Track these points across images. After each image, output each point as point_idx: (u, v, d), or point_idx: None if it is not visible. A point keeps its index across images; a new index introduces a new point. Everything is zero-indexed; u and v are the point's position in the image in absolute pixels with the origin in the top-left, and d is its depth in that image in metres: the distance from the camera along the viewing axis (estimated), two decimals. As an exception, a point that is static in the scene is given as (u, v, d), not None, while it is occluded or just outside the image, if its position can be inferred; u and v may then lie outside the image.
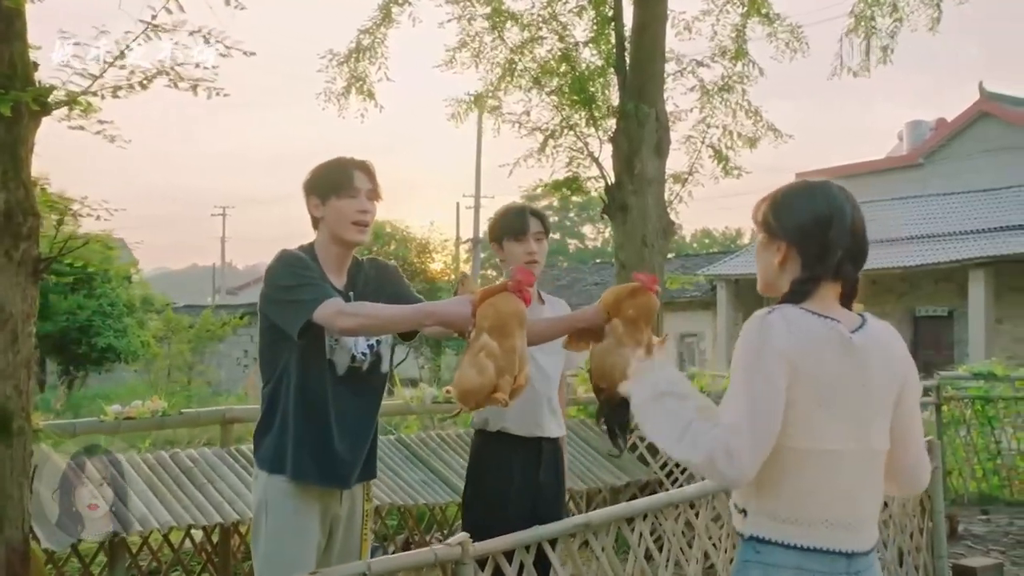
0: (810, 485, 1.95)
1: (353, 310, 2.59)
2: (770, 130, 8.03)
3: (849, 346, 1.95)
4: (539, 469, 3.38)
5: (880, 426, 2.01)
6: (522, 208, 3.47)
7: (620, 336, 2.88)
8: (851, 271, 2.03)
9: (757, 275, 2.14)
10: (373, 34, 7.62)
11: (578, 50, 7.23)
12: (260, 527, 2.71)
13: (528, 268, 2.63)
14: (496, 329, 2.48)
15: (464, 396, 2.54)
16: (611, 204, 6.65)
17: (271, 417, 2.74)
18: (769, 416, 1.89)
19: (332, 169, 2.81)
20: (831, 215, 2.01)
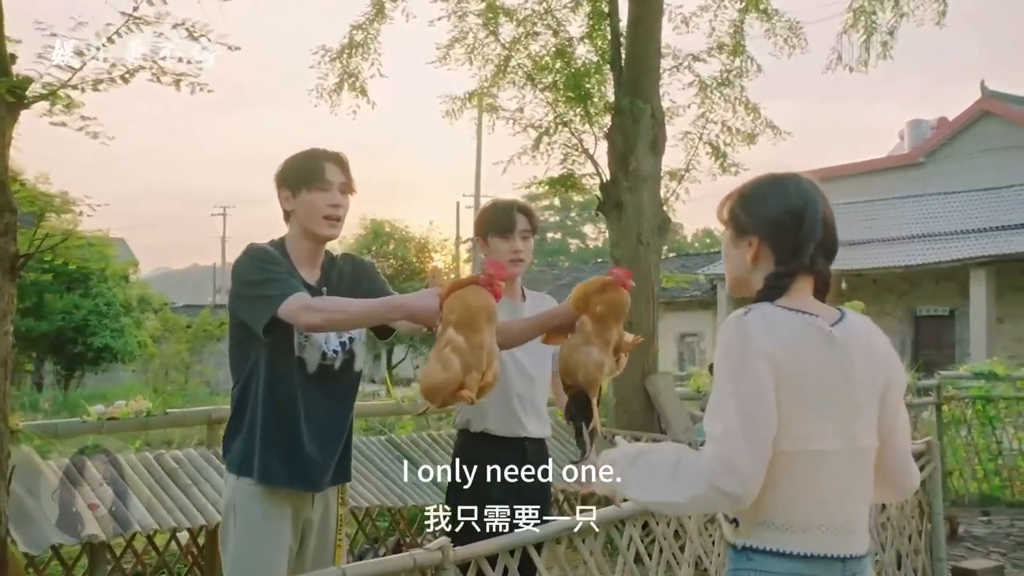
0: (801, 489, 1.87)
1: (319, 305, 2.50)
2: (769, 127, 7.94)
3: (830, 341, 1.88)
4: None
5: (866, 423, 1.93)
6: (509, 204, 3.36)
7: (588, 334, 2.79)
8: (824, 264, 1.97)
9: (726, 275, 2.07)
10: (366, 30, 7.52)
11: (573, 46, 7.14)
12: (228, 531, 2.62)
13: (501, 262, 2.53)
14: (463, 323, 2.38)
15: (429, 392, 2.43)
16: (606, 201, 6.56)
17: (240, 418, 2.65)
18: (763, 419, 1.81)
19: (303, 161, 2.71)
20: (804, 207, 1.95)
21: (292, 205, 2.69)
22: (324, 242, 2.75)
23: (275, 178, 2.72)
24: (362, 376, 2.86)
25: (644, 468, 1.96)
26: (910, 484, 2.08)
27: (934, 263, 20.67)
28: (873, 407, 1.94)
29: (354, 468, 5.26)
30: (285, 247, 2.71)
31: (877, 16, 7.90)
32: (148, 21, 4.41)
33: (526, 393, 3.26)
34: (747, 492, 1.79)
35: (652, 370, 6.47)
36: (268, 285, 2.51)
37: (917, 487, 2.15)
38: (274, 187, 2.73)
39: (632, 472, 1.98)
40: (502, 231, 3.27)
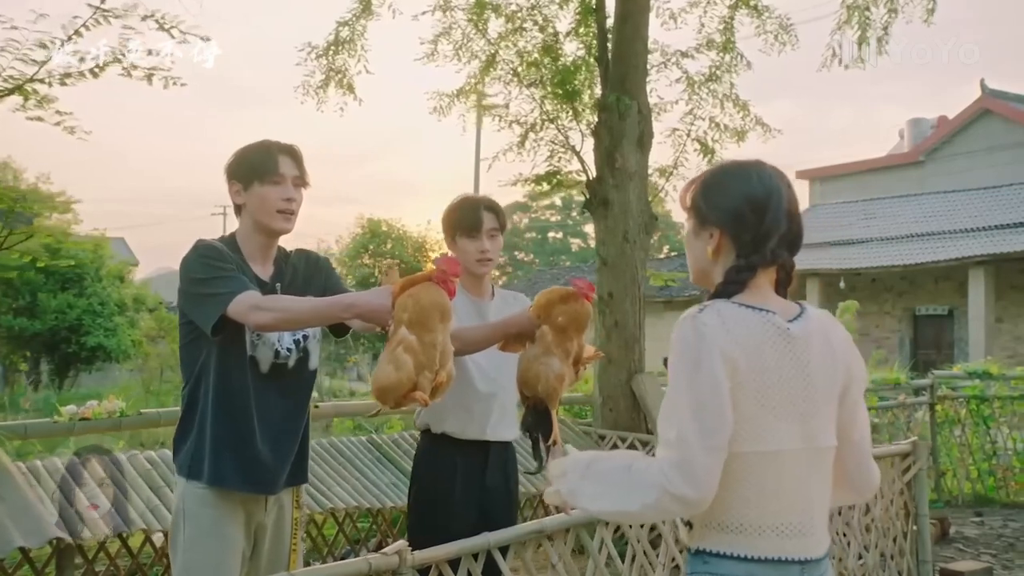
0: (757, 491, 1.80)
1: (268, 304, 2.43)
2: (758, 124, 7.87)
3: (788, 338, 1.82)
4: (485, 473, 3.21)
5: (824, 422, 1.86)
6: (476, 202, 3.28)
7: (548, 344, 2.76)
8: (787, 257, 1.89)
9: (689, 266, 1.99)
10: (352, 26, 7.44)
11: (559, 42, 7.06)
12: (178, 536, 2.55)
13: (455, 258, 2.46)
14: (416, 322, 2.33)
15: (381, 394, 2.38)
16: (592, 199, 6.48)
17: (189, 419, 2.58)
18: (719, 421, 1.74)
19: (256, 153, 2.63)
20: (767, 197, 1.86)
21: (243, 199, 2.61)
22: (277, 236, 2.68)
23: (225, 171, 2.64)
24: (318, 373, 2.79)
25: (595, 477, 1.88)
26: (869, 484, 2.00)
27: (933, 262, 20.59)
28: (832, 405, 1.87)
29: (333, 469, 5.25)
30: (236, 242, 2.63)
31: (871, 12, 7.82)
32: (117, 14, 4.36)
33: (488, 395, 3.17)
34: (702, 497, 1.73)
35: (639, 370, 6.39)
36: (216, 283, 2.44)
37: (877, 487, 2.04)
38: (224, 180, 2.65)
39: (583, 482, 1.90)
40: (468, 230, 3.20)
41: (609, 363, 6.37)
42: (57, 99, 4.48)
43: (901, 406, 8.54)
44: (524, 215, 52.97)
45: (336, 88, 7.52)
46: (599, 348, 6.55)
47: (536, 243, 52.68)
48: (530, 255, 52.48)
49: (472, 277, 3.27)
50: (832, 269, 21.93)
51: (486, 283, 3.32)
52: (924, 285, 22.11)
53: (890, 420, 8.51)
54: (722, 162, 2.02)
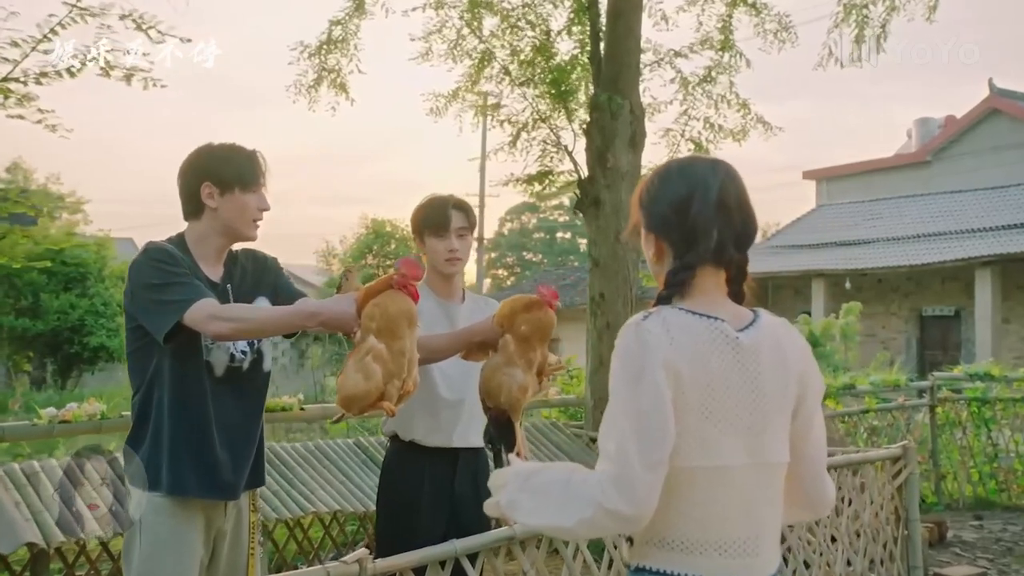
0: (699, 507, 1.72)
1: (227, 314, 2.39)
2: (760, 123, 7.79)
3: (736, 347, 1.73)
4: (454, 480, 3.15)
5: (775, 436, 1.77)
6: (444, 201, 3.22)
7: (511, 354, 2.72)
8: (733, 253, 1.79)
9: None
10: (345, 25, 7.38)
11: (552, 40, 7.00)
12: (132, 547, 2.48)
13: (414, 260, 2.41)
14: (384, 331, 2.32)
15: (347, 402, 2.37)
16: (584, 199, 6.41)
17: (142, 428, 2.52)
18: (659, 435, 1.65)
19: (240, 160, 2.59)
20: (690, 194, 1.78)
21: (217, 203, 2.55)
22: (240, 241, 2.64)
23: (196, 170, 2.56)
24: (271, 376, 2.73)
25: (534, 489, 1.80)
26: (823, 501, 1.90)
27: (939, 263, 20.46)
28: (784, 418, 1.78)
29: (319, 472, 5.20)
30: (186, 243, 2.58)
31: (869, 10, 7.74)
32: (93, 12, 4.32)
33: (455, 402, 3.11)
34: (641, 514, 1.65)
35: (630, 372, 6.31)
36: (170, 290, 2.39)
37: (832, 504, 1.94)
38: (187, 178, 2.57)
39: (521, 494, 1.82)
40: (436, 229, 3.15)
41: (601, 365, 6.30)
42: (38, 97, 4.44)
43: (901, 408, 8.46)
44: (532, 215, 52.88)
45: (329, 88, 7.46)
46: (591, 349, 6.53)
47: (544, 243, 52.58)
48: (539, 255, 52.38)
49: (441, 278, 3.22)
50: (838, 269, 21.82)
51: (455, 285, 3.26)
52: (931, 286, 21.98)
53: (889, 423, 8.43)
54: (662, 163, 1.94)
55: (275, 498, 4.82)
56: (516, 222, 53.80)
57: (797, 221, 26.81)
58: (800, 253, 23.80)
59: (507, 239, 53.87)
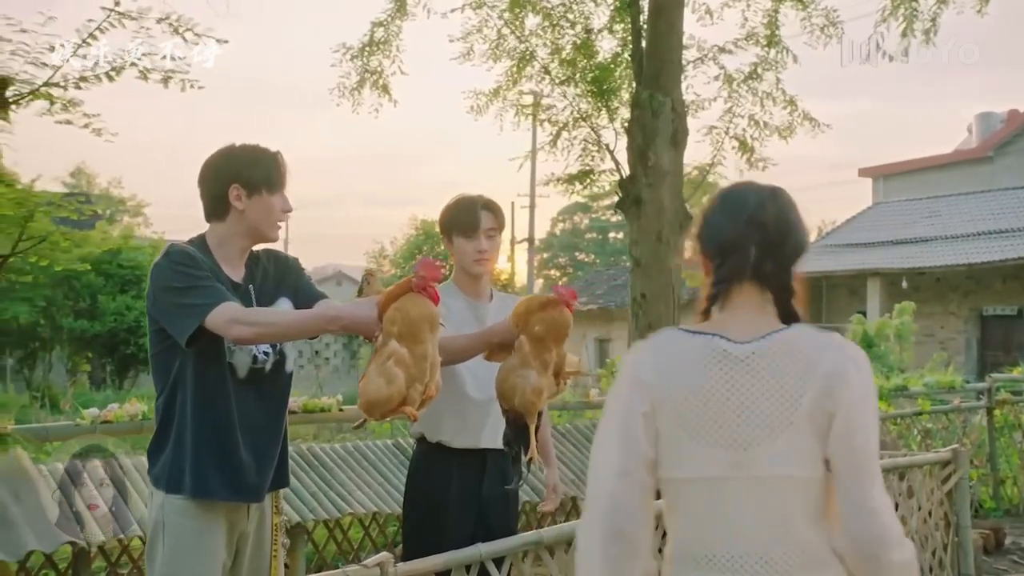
0: (684, 519, 1.74)
1: (249, 318, 2.39)
2: (806, 120, 7.66)
3: (725, 361, 1.73)
4: (482, 482, 3.11)
5: (774, 448, 1.70)
6: (473, 201, 3.19)
7: (525, 355, 2.68)
8: (773, 269, 1.78)
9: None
10: (387, 27, 7.41)
11: (593, 39, 6.94)
12: (156, 550, 2.48)
13: (432, 261, 2.38)
14: (406, 335, 2.31)
15: (370, 407, 2.36)
16: (625, 198, 6.35)
17: (166, 431, 2.51)
18: (628, 444, 1.73)
19: (266, 163, 2.59)
20: (725, 212, 1.84)
21: (244, 204, 2.55)
22: (263, 242, 2.64)
23: (222, 171, 2.57)
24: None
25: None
26: (863, 538, 1.69)
27: (1001, 261, 19.93)
28: (795, 432, 1.69)
29: (356, 474, 5.20)
30: (207, 245, 2.58)
31: (918, 3, 7.56)
32: (132, 16, 4.38)
33: (483, 402, 3.07)
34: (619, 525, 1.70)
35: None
36: (193, 293, 2.39)
37: (883, 546, 1.69)
38: (213, 180, 2.56)
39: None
40: (466, 230, 3.12)
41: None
42: (83, 102, 4.51)
43: (956, 410, 8.23)
44: (585, 215, 52.69)
45: (372, 89, 7.49)
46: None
47: (596, 244, 52.37)
48: (591, 255, 52.19)
49: (469, 278, 3.19)
50: (894, 268, 21.38)
51: (484, 284, 3.23)
52: (991, 285, 21.41)
53: (944, 425, 8.22)
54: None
55: (313, 499, 4.83)
56: (568, 222, 53.69)
57: (852, 219, 26.34)
58: (855, 252, 23.36)
59: (559, 239, 53.77)
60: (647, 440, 1.72)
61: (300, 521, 4.70)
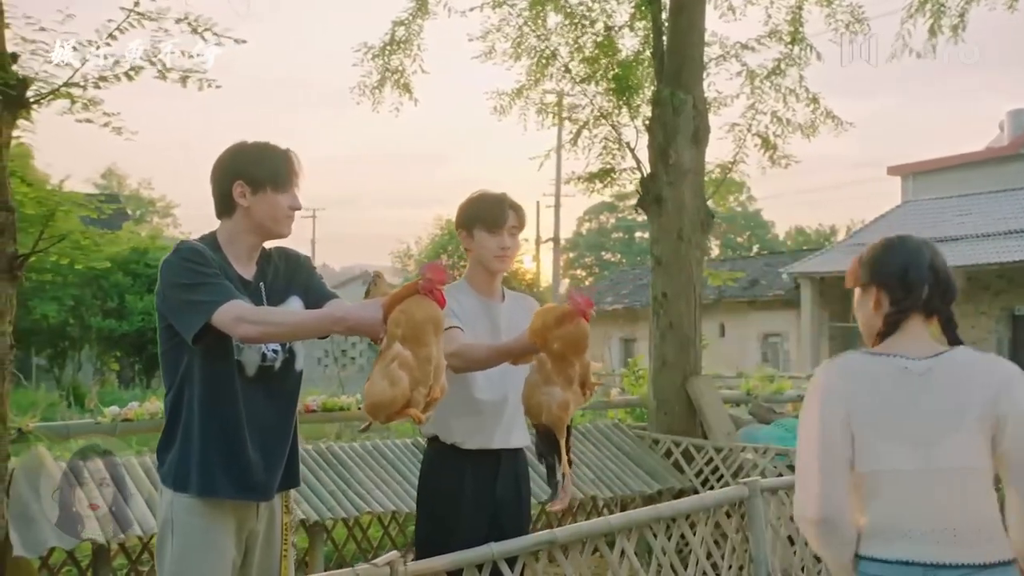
0: (882, 503, 2.17)
1: (255, 317, 2.38)
2: (829, 117, 7.57)
3: (905, 376, 2.17)
4: (496, 482, 3.09)
5: (951, 445, 2.14)
6: (500, 198, 3.17)
7: (548, 373, 2.69)
8: (940, 305, 2.27)
9: (861, 331, 2.37)
10: (408, 26, 7.40)
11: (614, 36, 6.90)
12: (165, 547, 2.48)
13: (439, 264, 2.37)
14: (410, 338, 2.31)
15: (374, 409, 2.36)
16: (645, 196, 6.31)
17: (174, 428, 2.51)
18: (831, 447, 2.16)
19: (273, 159, 2.58)
20: (909, 258, 2.28)
21: (249, 201, 2.55)
22: (273, 239, 2.63)
23: (227, 167, 2.56)
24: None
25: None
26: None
27: (1033, 259, 19.63)
28: (968, 431, 2.14)
29: (376, 473, 5.20)
30: (218, 242, 2.57)
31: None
32: (151, 17, 4.38)
33: (496, 402, 3.05)
34: (827, 514, 2.14)
35: (694, 373, 6.19)
36: (200, 290, 2.39)
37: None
38: (220, 175, 2.56)
39: None
40: (490, 226, 3.10)
41: (664, 365, 6.19)
42: (103, 101, 4.53)
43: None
44: (611, 215, 52.53)
45: (393, 88, 7.49)
46: (654, 350, 6.40)
47: (623, 243, 52.22)
48: (617, 255, 52.04)
49: (486, 275, 3.16)
50: (924, 267, 21.12)
51: (498, 283, 3.21)
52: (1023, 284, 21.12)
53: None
54: (873, 242, 2.41)
55: (331, 498, 4.84)
56: (594, 222, 53.55)
57: (880, 218, 26.03)
58: (884, 251, 23.10)
59: (585, 239, 53.64)
60: (844, 442, 2.16)
61: (318, 519, 4.71)
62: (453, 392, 2.99)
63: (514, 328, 3.14)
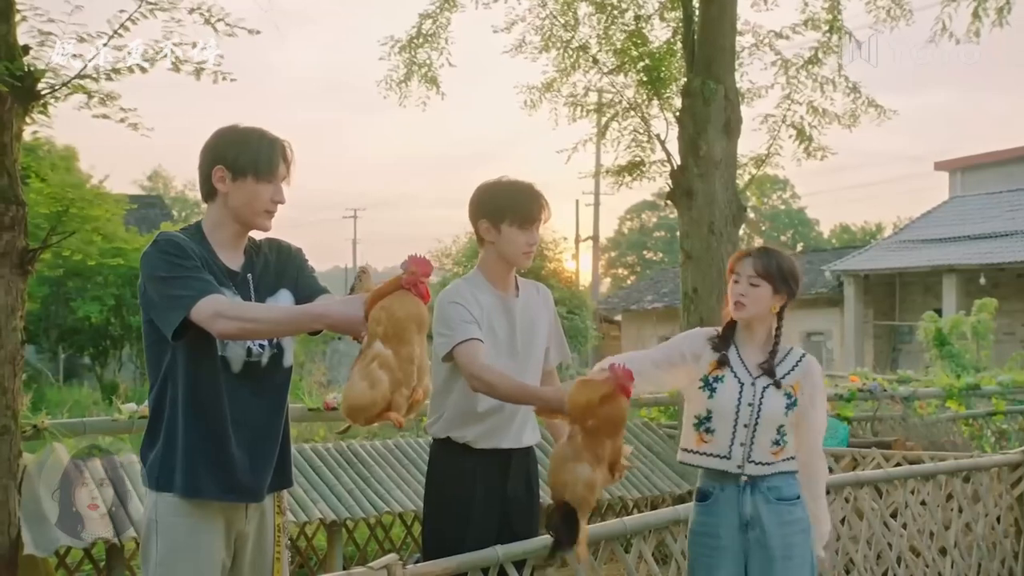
0: None
1: (233, 312, 2.28)
2: (871, 106, 7.33)
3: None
4: (507, 482, 2.95)
5: None
6: (532, 191, 2.96)
7: (578, 448, 2.55)
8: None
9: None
10: (435, 19, 7.29)
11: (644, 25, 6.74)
12: (149, 550, 2.38)
13: (424, 258, 2.24)
14: (391, 336, 2.20)
15: (352, 412, 2.25)
16: (675, 189, 6.13)
17: (156, 426, 2.42)
18: None
19: (255, 145, 2.44)
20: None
21: (227, 188, 2.43)
22: (251, 230, 2.52)
23: (209, 151, 2.44)
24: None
25: None
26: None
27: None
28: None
29: (396, 471, 5.10)
30: (203, 232, 2.47)
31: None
32: (163, 8, 4.32)
33: (502, 406, 2.89)
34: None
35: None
36: (178, 284, 2.29)
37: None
38: (202, 159, 2.45)
39: None
40: (523, 221, 2.91)
41: (694, 363, 6.01)
42: (120, 96, 4.48)
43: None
44: (653, 214, 52.15)
45: (420, 83, 7.39)
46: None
47: (665, 242, 51.80)
48: (659, 254, 51.64)
49: (504, 270, 2.99)
50: (972, 264, 20.61)
51: (513, 276, 3.05)
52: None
53: (1021, 426, 7.85)
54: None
55: (349, 496, 4.74)
56: (636, 220, 53.21)
57: (928, 214, 25.50)
58: (931, 248, 22.60)
59: (627, 238, 53.32)
60: None
61: (335, 519, 4.62)
62: (462, 399, 2.87)
63: (529, 323, 3.01)
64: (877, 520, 4.01)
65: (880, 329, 22.98)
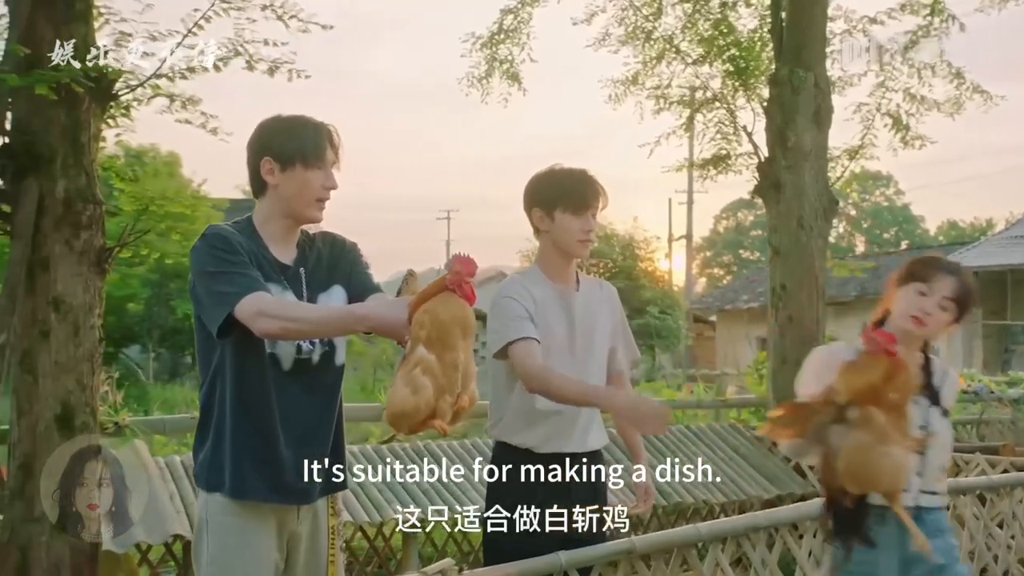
0: None
1: (276, 311, 2.21)
2: (976, 92, 6.97)
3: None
4: (571, 486, 2.82)
5: None
6: (585, 175, 2.84)
7: (882, 430, 2.30)
8: None
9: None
10: (516, 14, 7.23)
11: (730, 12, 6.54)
12: (200, 550, 2.34)
13: (468, 257, 2.12)
14: (434, 340, 2.09)
15: (396, 420, 2.14)
16: (763, 182, 5.93)
17: (206, 425, 2.37)
18: None
19: (302, 132, 2.38)
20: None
21: (277, 179, 2.37)
22: (303, 223, 2.45)
23: (254, 144, 2.38)
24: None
25: None
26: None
27: None
28: None
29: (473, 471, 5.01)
30: (254, 226, 2.41)
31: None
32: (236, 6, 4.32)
33: (562, 409, 2.76)
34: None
35: (818, 369, 5.77)
36: (224, 280, 2.23)
37: None
38: (248, 151, 2.40)
39: None
40: (577, 206, 2.78)
41: (783, 363, 5.80)
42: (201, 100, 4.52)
43: None
44: (749, 212, 51.23)
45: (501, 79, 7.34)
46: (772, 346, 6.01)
47: (761, 240, 50.80)
48: (755, 253, 50.70)
49: (562, 261, 2.87)
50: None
51: (573, 269, 2.92)
52: None
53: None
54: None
55: (425, 497, 4.68)
56: (732, 219, 52.35)
57: (1041, 209, 24.38)
58: (1045, 243, 21.60)
59: (722, 237, 52.50)
60: None
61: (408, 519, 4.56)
62: (520, 399, 2.75)
63: (589, 320, 2.87)
64: (980, 531, 3.76)
65: (990, 329, 22.02)
